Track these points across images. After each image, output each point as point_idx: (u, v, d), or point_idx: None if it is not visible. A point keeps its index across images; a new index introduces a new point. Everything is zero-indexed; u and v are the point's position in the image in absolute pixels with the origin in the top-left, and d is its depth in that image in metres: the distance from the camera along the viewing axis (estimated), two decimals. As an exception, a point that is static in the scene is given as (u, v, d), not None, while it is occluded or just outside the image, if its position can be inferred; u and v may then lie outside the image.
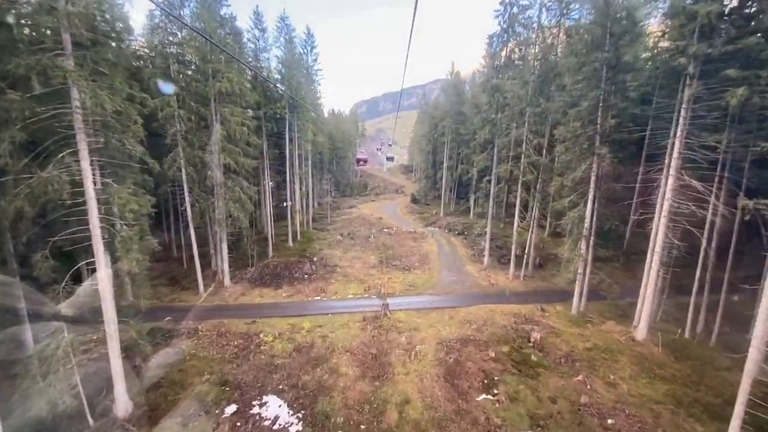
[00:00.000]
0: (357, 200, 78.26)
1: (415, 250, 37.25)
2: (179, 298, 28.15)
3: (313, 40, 40.05)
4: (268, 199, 37.58)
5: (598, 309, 24.76)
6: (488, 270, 32.04)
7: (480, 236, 32.55)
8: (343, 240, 40.93)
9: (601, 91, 17.24)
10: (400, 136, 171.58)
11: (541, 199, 27.36)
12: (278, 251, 38.34)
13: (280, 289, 29.05)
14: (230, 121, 24.91)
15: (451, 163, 54.71)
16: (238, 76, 25.20)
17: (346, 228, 49.62)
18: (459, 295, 26.97)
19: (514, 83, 26.10)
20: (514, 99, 26.65)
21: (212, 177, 25.28)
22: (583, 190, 19.38)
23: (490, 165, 30.49)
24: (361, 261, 34.82)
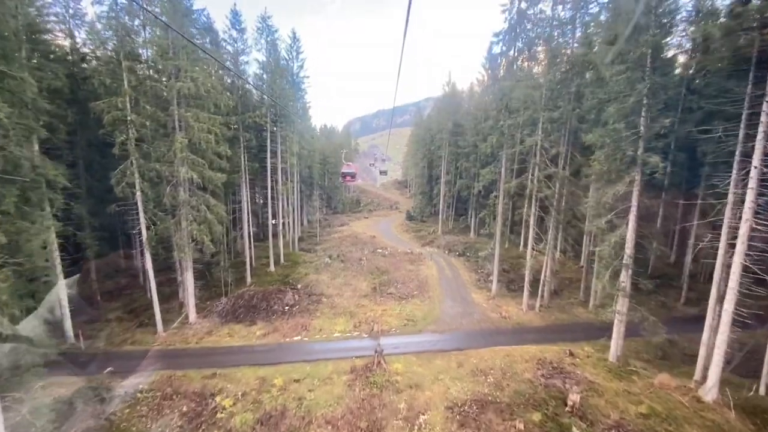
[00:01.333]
0: (349, 217, 74.23)
1: (412, 275, 33.06)
2: (133, 338, 23.51)
3: (299, 45, 36.81)
4: (247, 218, 33.34)
5: (634, 349, 20.72)
6: (497, 299, 27.91)
7: (487, 259, 28.49)
8: (332, 263, 36.62)
9: (647, 84, 13.66)
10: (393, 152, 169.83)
11: (559, 217, 23.58)
12: (258, 277, 33.88)
13: (255, 325, 24.55)
14: (194, 127, 20.96)
15: (448, 177, 51.23)
16: (205, 75, 21.41)
17: (336, 248, 45.34)
18: (467, 333, 22.73)
19: (525, 85, 22.68)
20: (526, 103, 23.23)
21: (171, 194, 21.10)
22: (624, 208, 15.58)
23: (497, 179, 26.77)
24: (351, 288, 30.48)
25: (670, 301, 27.37)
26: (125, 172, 19.91)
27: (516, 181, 23.85)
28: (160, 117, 20.86)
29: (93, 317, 26.38)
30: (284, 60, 36.01)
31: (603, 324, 19.84)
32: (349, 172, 21.46)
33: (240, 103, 30.03)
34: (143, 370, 18.67)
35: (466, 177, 45.75)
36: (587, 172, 21.74)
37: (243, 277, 32.93)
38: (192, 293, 25.07)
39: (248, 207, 34.14)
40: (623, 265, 16.18)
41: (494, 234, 26.75)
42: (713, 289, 14.41)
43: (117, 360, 19.81)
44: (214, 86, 22.06)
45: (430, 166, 64.86)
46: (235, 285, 32.35)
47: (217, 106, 22.85)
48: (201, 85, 21.01)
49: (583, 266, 31.32)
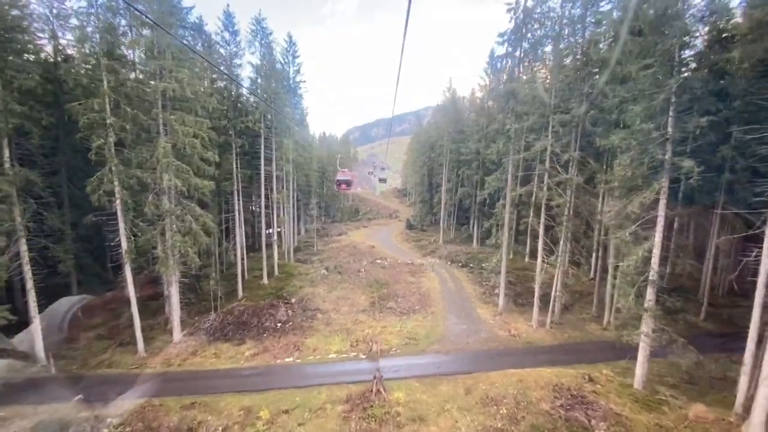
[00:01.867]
0: (348, 226, 72.54)
1: (413, 288, 31.29)
2: (111, 359, 21.69)
3: (295, 49, 35.63)
4: (239, 228, 31.70)
5: (656, 372, 18.90)
6: (505, 314, 26.13)
7: (493, 272, 26.78)
8: (329, 275, 34.86)
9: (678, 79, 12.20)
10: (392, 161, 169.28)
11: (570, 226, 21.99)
12: (250, 290, 32.08)
13: (244, 344, 22.73)
14: (179, 132, 19.46)
15: (449, 185, 49.78)
16: (191, 76, 19.99)
17: (334, 259, 43.60)
18: (474, 353, 20.93)
19: (534, 86, 21.30)
20: (534, 105, 21.84)
21: (153, 203, 19.49)
22: (650, 218, 14.00)
23: (503, 186, 25.25)
24: (348, 302, 28.69)
25: (689, 316, 25.62)
26: (102, 180, 18.30)
27: (524, 188, 22.33)
28: (143, 120, 19.33)
29: (71, 335, 24.62)
30: (280, 64, 34.79)
31: (621, 343, 18.08)
32: (345, 179, 19.66)
33: (232, 108, 28.65)
34: (116, 397, 16.83)
35: (468, 185, 44.33)
36: (601, 179, 20.22)
37: (235, 290, 31.17)
38: (176, 310, 23.29)
39: (241, 216, 32.52)
40: (649, 282, 14.53)
41: (500, 245, 25.08)
42: (755, 313, 12.74)
43: (90, 385, 17.98)
44: (202, 88, 20.58)
45: (431, 173, 63.54)
46: (226, 299, 30.57)
47: (204, 109, 21.40)
48: (187, 87, 19.57)
49: (594, 279, 29.68)
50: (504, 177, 24.46)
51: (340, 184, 20.32)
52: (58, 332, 24.75)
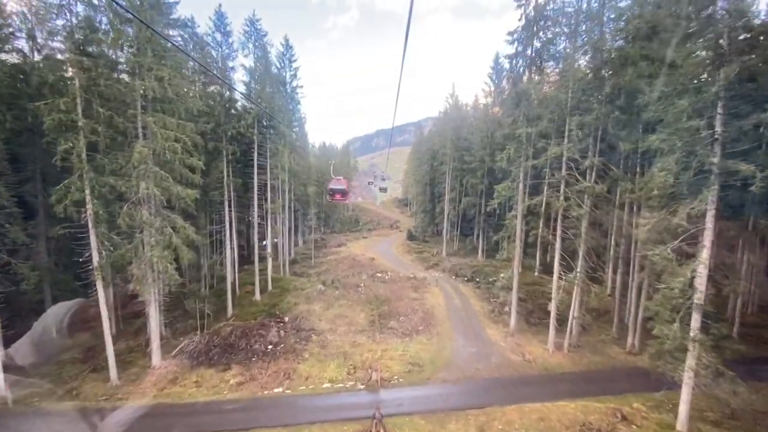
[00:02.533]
0: (347, 237, 70.42)
1: (416, 305, 29.05)
2: (80, 387, 19.46)
3: (292, 53, 34.13)
4: (230, 241, 29.67)
5: (694, 405, 16.60)
6: (517, 335, 23.89)
7: (504, 289, 24.61)
8: (326, 290, 32.65)
9: (733, 68, 10.31)
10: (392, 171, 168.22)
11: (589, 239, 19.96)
12: (241, 307, 29.88)
13: (229, 370, 20.49)
14: (158, 135, 17.61)
15: (453, 195, 47.85)
16: (173, 75, 18.23)
17: (332, 272, 41.43)
18: (485, 382, 18.67)
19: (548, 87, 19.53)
20: (548, 108, 20.06)
21: (128, 213, 17.51)
22: (694, 232, 11.96)
23: (513, 196, 23.30)
24: (346, 322, 26.45)
25: (721, 338, 23.32)
26: (70, 188, 16.35)
27: (538, 198, 20.38)
28: (118, 122, 17.49)
29: (44, 357, 22.40)
30: (276, 68, 33.25)
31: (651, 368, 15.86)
32: (339, 188, 17.34)
33: (224, 113, 26.91)
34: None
35: (473, 194, 42.42)
36: (625, 188, 18.24)
37: (224, 308, 28.96)
38: (156, 332, 21.11)
39: (232, 228, 30.52)
40: (695, 307, 12.42)
41: (512, 259, 22.99)
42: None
43: (46, 424, 15.73)
44: (188, 89, 18.80)
45: (433, 183, 61.70)
46: (215, 317, 28.35)
47: (189, 111, 19.58)
48: (169, 86, 17.79)
49: (613, 296, 27.50)
50: (515, 185, 22.51)
51: (333, 194, 17.92)
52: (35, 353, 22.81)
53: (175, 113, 19.01)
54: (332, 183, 18.30)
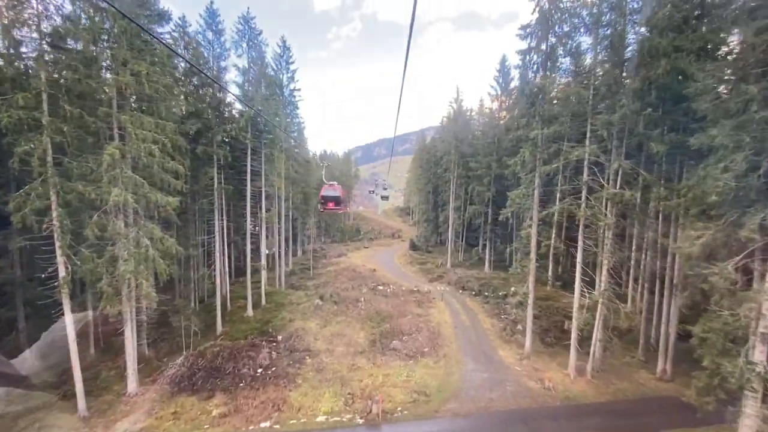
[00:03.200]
0: (348, 247, 68.28)
1: (421, 322, 26.80)
2: (44, 420, 17.33)
3: (289, 54, 32.54)
4: (220, 252, 27.63)
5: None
6: (533, 358, 21.60)
7: (519, 306, 22.39)
8: (324, 304, 30.44)
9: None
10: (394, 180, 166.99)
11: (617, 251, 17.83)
12: (232, 324, 27.74)
13: (213, 399, 18.32)
14: (133, 136, 15.75)
15: (457, 203, 45.83)
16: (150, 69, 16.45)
17: (331, 285, 39.25)
18: (502, 416, 16.37)
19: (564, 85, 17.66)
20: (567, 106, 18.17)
21: (98, 224, 15.55)
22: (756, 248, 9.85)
23: (529, 204, 21.26)
24: (345, 341, 24.23)
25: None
26: (30, 194, 14.42)
27: (556, 206, 18.30)
28: (89, 122, 15.64)
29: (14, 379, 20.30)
30: (272, 70, 31.65)
31: (687, 400, 13.55)
32: (332, 195, 14.93)
33: (214, 114, 25.15)
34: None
35: (479, 202, 40.39)
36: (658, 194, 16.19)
37: (213, 325, 26.83)
38: (132, 355, 18.98)
39: (224, 238, 28.55)
40: (760, 336, 10.25)
41: (527, 273, 20.84)
42: None
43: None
44: (163, 83, 16.99)
45: (436, 191, 59.80)
46: (204, 334, 26.26)
47: (170, 110, 17.77)
48: (147, 83, 16.00)
49: (635, 310, 25.23)
50: (530, 192, 20.48)
51: (326, 202, 15.05)
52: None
53: (154, 112, 17.21)
54: (324, 189, 15.41)
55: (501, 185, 39.49)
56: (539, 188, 20.67)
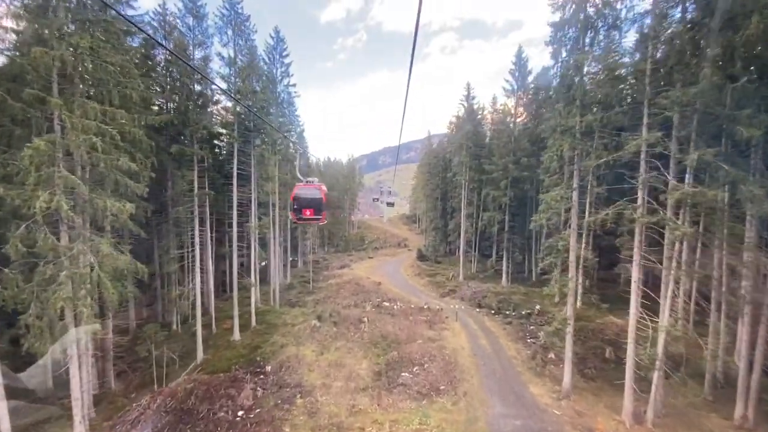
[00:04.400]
0: (351, 257, 64.57)
1: (434, 348, 22.95)
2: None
3: (283, 46, 29.44)
4: (201, 267, 24.16)
5: None
6: (573, 397, 17.60)
7: (557, 333, 18.44)
8: (322, 326, 26.70)
9: None
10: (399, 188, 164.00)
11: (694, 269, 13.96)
12: (215, 350, 24.13)
13: (178, 457, 14.56)
14: (71, 125, 12.41)
15: (470, 210, 42.04)
16: (104, 46, 13.20)
17: (331, 300, 35.61)
18: (548, 489, 12.40)
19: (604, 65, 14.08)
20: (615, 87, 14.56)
21: (24, 237, 12.13)
22: None
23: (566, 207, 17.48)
24: (344, 373, 20.45)
25: None
26: (-72, 200, 11.06)
27: (607, 211, 14.47)
28: (16, 108, 12.35)
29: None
30: (264, 63, 28.53)
31: None
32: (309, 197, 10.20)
33: (193, 108, 21.94)
34: None
35: (494, 208, 36.61)
36: (751, 193, 12.36)
37: (192, 351, 23.26)
38: (79, 398, 15.34)
39: (207, 250, 25.10)
40: None
41: (567, 294, 16.99)
42: None
43: None
44: (118, 62, 13.70)
45: (444, 197, 56.16)
46: (183, 362, 22.76)
47: (126, 97, 14.45)
48: (89, 59, 12.73)
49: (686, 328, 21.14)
50: (569, 194, 16.73)
51: (300, 209, 10.14)
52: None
53: (105, 99, 13.90)
54: (299, 188, 10.27)
55: (519, 189, 35.76)
56: (579, 189, 16.91)
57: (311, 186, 10.67)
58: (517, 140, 34.64)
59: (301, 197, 10.30)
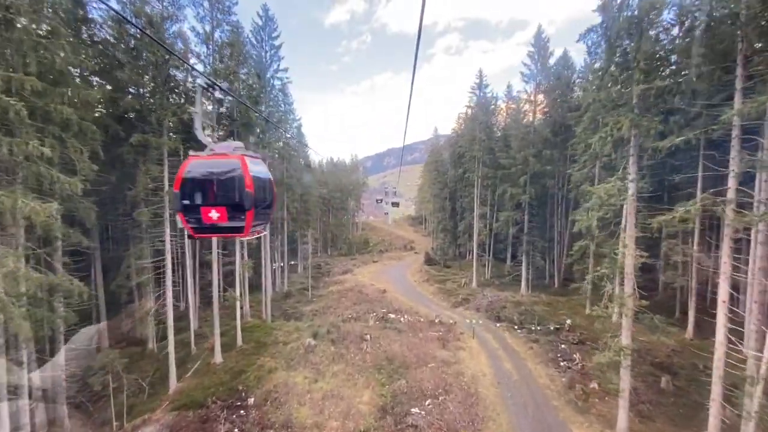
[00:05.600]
0: (355, 261, 60.98)
1: (449, 374, 19.22)
2: None
3: (273, 26, 25.99)
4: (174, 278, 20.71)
5: None
6: (633, 446, 13.77)
7: (613, 363, 14.47)
8: (318, 344, 23.06)
9: None
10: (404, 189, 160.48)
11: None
12: (194, 377, 20.60)
13: None
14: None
15: (483, 210, 38.20)
16: None
17: (331, 311, 32.20)
18: None
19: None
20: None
21: None
22: None
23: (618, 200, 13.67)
24: (342, 408, 16.81)
25: None
26: None
27: (694, 205, 10.73)
28: None
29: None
30: (251, 45, 25.13)
31: None
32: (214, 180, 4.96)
33: (163, 93, 18.52)
34: None
35: (511, 207, 32.77)
36: None
37: (164, 378, 19.80)
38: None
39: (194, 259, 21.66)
40: None
41: (625, 314, 13.17)
42: None
43: None
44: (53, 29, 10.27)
45: (453, 196, 52.31)
46: (152, 390, 19.41)
47: (48, 65, 11.01)
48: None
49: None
50: (624, 186, 12.93)
51: (194, 209, 5.00)
52: None
53: (17, 65, 10.45)
54: (191, 164, 5.03)
55: (540, 186, 31.90)
56: (636, 174, 13.07)
57: (218, 157, 5.14)
58: (537, 131, 30.81)
59: (197, 179, 5.02)
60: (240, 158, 5.07)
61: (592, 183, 25.07)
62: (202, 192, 5.03)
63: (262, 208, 5.44)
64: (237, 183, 4.94)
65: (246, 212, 4.99)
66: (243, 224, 5.08)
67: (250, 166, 5.10)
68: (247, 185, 4.90)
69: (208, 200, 5.03)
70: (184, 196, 5.00)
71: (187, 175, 5.00)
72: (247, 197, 4.91)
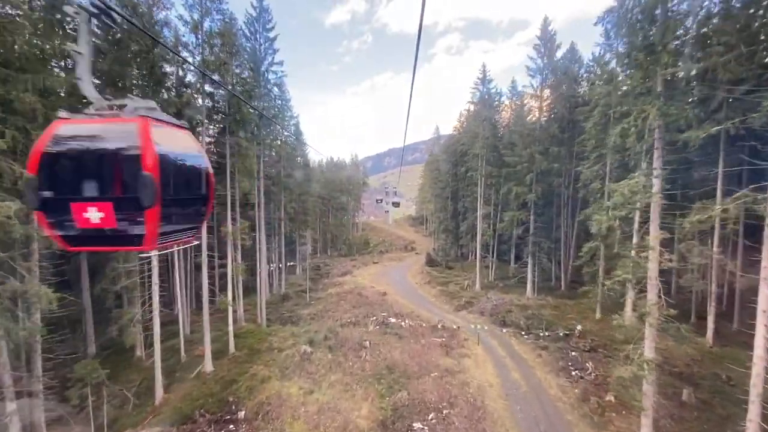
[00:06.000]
0: (354, 262, 59.76)
1: (453, 385, 18.00)
2: None
3: (267, 17, 24.84)
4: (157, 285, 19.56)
5: None
6: (658, 469, 12.53)
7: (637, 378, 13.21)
8: (315, 352, 21.84)
9: None
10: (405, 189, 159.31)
11: None
12: (180, 387, 19.41)
13: None
14: None
15: (486, 210, 36.99)
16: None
17: (330, 315, 30.89)
18: None
19: None
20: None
21: None
22: None
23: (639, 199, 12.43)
24: (338, 423, 15.62)
25: None
26: None
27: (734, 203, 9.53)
28: None
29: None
30: (244, 37, 23.98)
31: None
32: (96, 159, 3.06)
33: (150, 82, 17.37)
34: None
35: (516, 207, 31.56)
36: None
37: (149, 389, 18.62)
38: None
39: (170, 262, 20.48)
40: None
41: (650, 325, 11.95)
42: None
43: None
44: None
45: (455, 196, 51.14)
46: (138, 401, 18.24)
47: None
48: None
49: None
50: (649, 183, 11.70)
51: (61, 206, 2.97)
52: None
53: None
54: (61, 127, 2.99)
55: (547, 184, 30.68)
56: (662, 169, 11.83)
57: (103, 120, 3.11)
58: (544, 127, 29.62)
59: (66, 156, 3.08)
60: (140, 121, 2.99)
61: (603, 180, 23.87)
62: (75, 177, 3.06)
63: (181, 207, 3.55)
64: (130, 162, 2.91)
65: (145, 211, 2.92)
66: (142, 231, 3.01)
67: (157, 136, 3.00)
68: (146, 165, 2.84)
69: (84, 191, 3.00)
70: (44, 183, 2.97)
71: (50, 148, 2.95)
72: (147, 186, 2.84)
